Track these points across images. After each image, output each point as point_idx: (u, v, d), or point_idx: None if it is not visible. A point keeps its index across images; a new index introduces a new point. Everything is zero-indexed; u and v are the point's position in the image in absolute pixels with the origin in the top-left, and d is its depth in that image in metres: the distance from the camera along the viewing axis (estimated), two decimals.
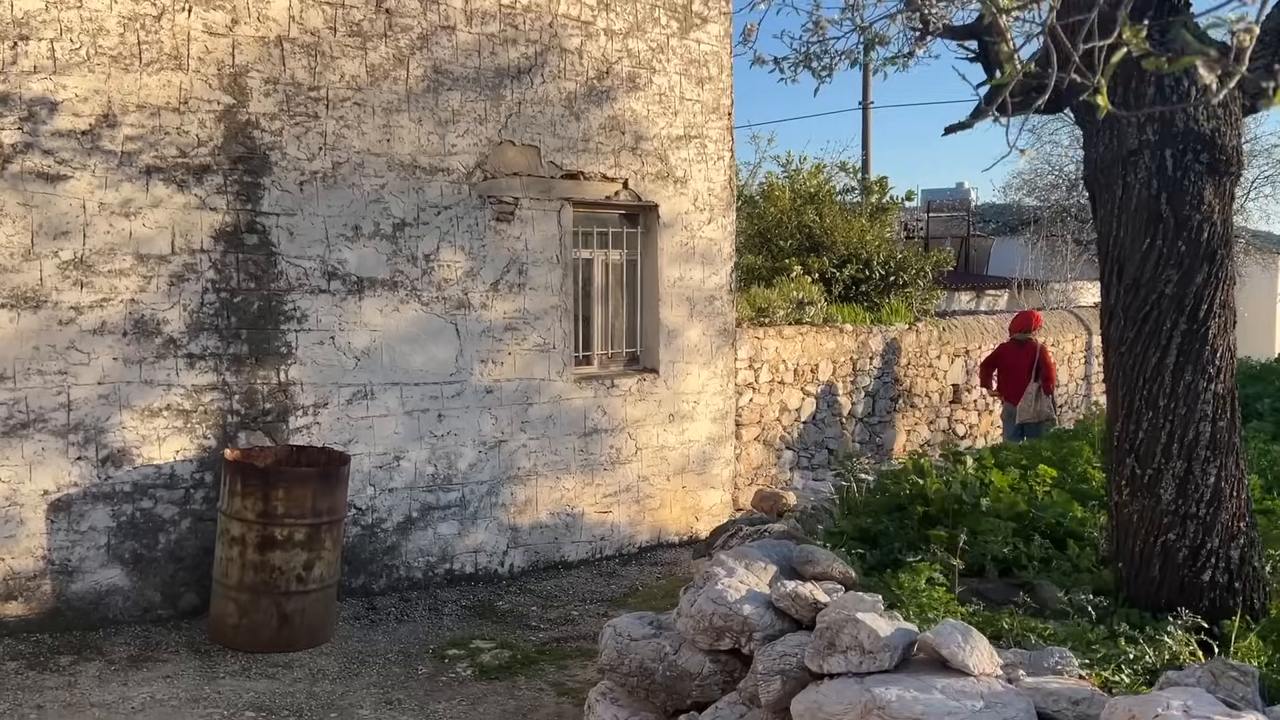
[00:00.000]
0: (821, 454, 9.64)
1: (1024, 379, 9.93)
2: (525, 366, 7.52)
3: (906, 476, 3.64)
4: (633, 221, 8.27)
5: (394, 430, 6.96)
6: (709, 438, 8.61)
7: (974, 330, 11.72)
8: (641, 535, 8.26)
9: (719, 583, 2.51)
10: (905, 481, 3.60)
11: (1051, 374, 10.20)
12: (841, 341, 9.74)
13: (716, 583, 2.51)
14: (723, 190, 8.58)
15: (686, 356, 8.41)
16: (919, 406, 10.80)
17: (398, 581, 7.04)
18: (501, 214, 7.35)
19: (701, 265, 8.47)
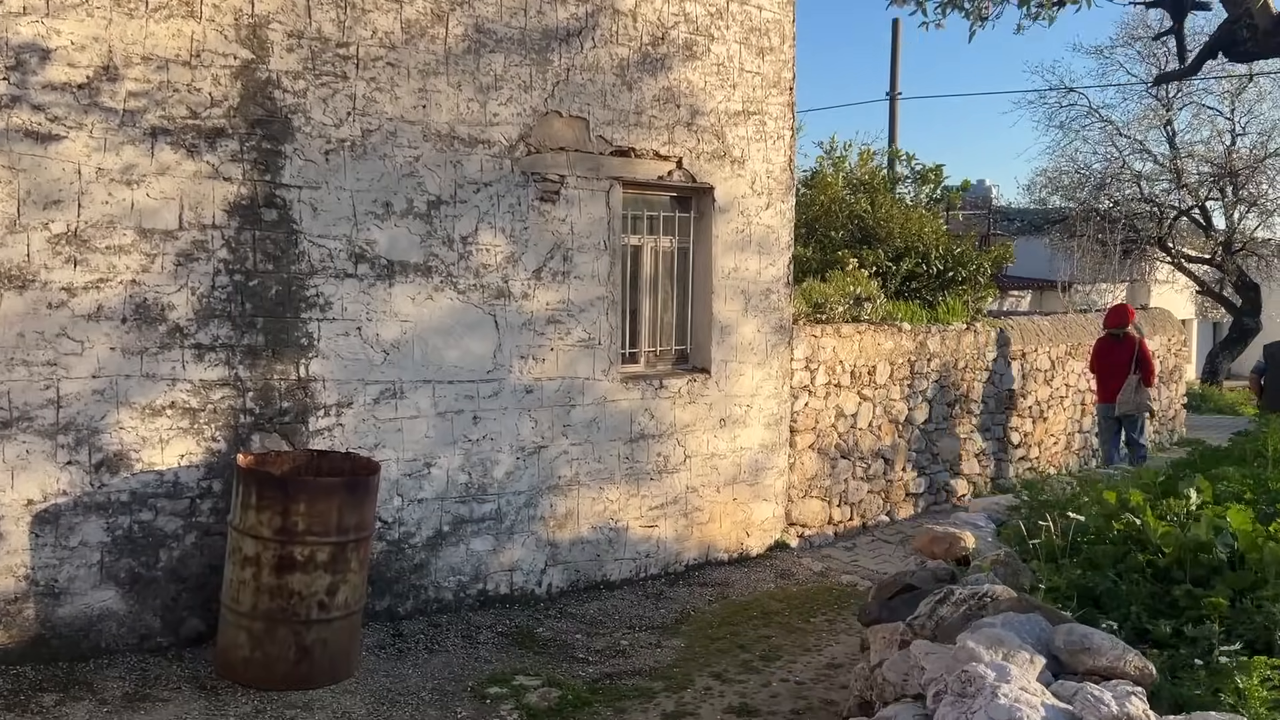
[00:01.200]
0: (878, 464, 8.88)
1: (1123, 373, 10.03)
2: (568, 364, 6.75)
3: (1113, 513, 2.90)
4: (685, 205, 7.51)
5: (425, 434, 6.19)
6: (762, 445, 7.85)
7: (1029, 332, 10.97)
8: (689, 552, 7.50)
9: (998, 694, 1.80)
10: (1110, 519, 2.87)
11: (1151, 367, 10.27)
12: (900, 342, 8.99)
13: (994, 695, 1.80)
14: (782, 173, 7.81)
15: (740, 355, 7.65)
16: (974, 413, 10.05)
17: (426, 604, 6.27)
18: (546, 193, 6.58)
19: (758, 255, 7.70)
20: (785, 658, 6.00)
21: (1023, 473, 10.89)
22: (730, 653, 6.05)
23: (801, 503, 8.21)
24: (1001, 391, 10.47)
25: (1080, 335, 11.91)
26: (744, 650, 6.09)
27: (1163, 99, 22.28)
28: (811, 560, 7.89)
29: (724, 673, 5.73)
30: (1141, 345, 10.33)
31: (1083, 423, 11.94)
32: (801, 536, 8.24)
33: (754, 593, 7.18)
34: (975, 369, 10.04)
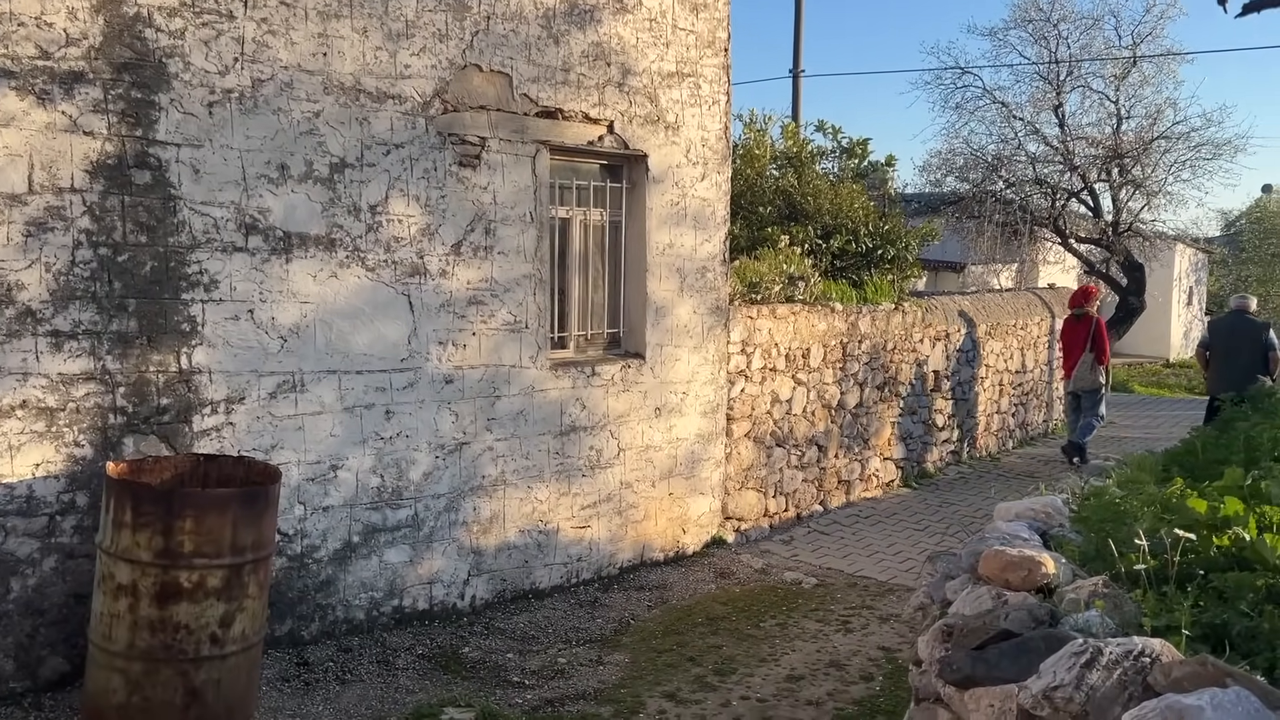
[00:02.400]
0: (812, 451, 8.42)
1: (1080, 351, 10.46)
2: (493, 350, 6.03)
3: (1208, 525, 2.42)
4: (616, 175, 6.85)
5: (330, 432, 5.40)
6: (698, 435, 7.28)
7: (952, 312, 10.70)
8: (623, 553, 6.88)
9: None
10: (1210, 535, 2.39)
11: (1105, 346, 10.58)
12: (832, 323, 8.53)
13: None
14: (718, 141, 7.22)
15: (675, 339, 7.05)
16: (902, 395, 9.71)
17: (335, 626, 5.49)
18: (465, 157, 5.83)
19: (694, 229, 7.10)
20: (741, 670, 5.44)
21: (946, 456, 10.64)
22: (680, 667, 5.47)
23: (738, 495, 7.68)
24: (926, 373, 10.17)
25: (999, 315, 11.73)
26: (694, 663, 5.51)
27: (1053, 81, 22.55)
28: (750, 557, 7.38)
29: (677, 692, 5.14)
30: (1098, 325, 10.57)
31: (1001, 403, 11.78)
32: (738, 531, 7.71)
33: (695, 596, 6.61)
34: (903, 350, 9.69)
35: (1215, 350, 10.18)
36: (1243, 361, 9.68)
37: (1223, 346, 10.09)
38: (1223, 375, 9.77)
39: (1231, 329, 10.15)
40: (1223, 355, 10.03)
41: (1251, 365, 9.59)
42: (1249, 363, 9.64)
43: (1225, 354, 9.99)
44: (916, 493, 9.63)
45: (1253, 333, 9.92)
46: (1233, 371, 9.60)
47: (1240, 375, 9.34)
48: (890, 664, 5.57)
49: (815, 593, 6.71)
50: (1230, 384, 9.16)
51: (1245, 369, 9.51)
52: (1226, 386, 9.17)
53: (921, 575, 3.33)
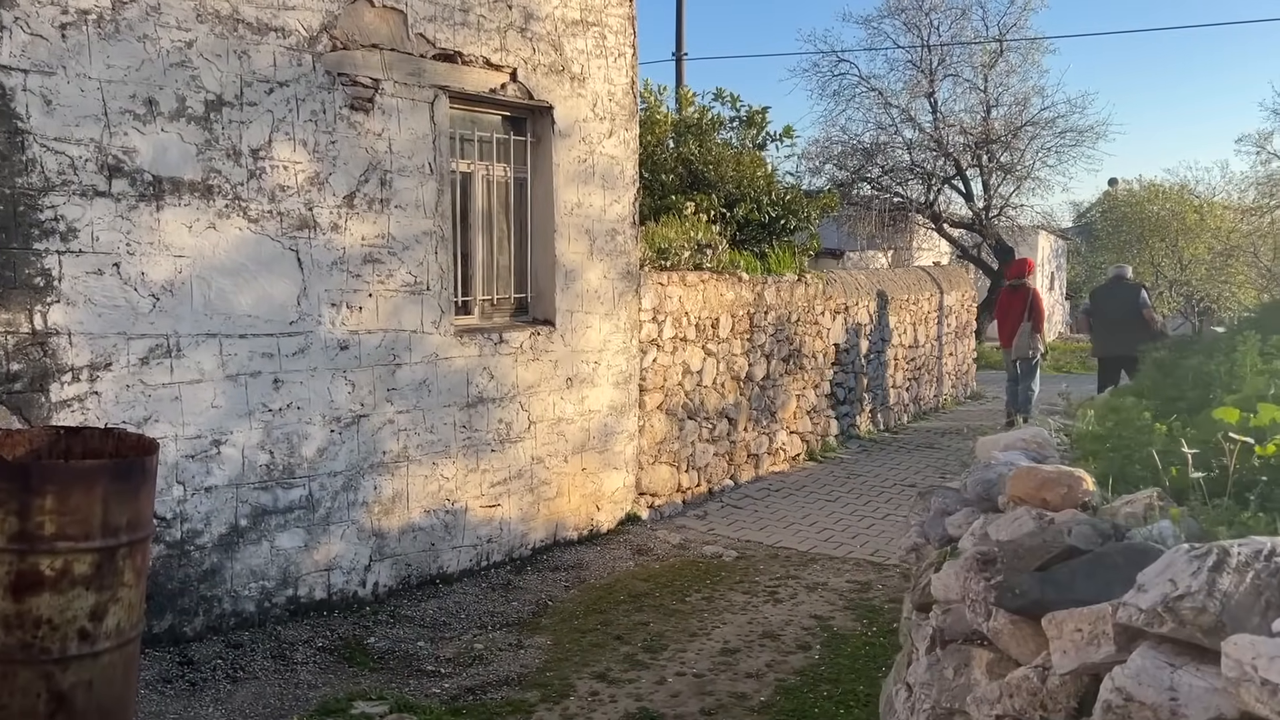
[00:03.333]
0: (723, 424, 8.15)
1: (1019, 321, 10.83)
2: (392, 313, 5.53)
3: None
4: (520, 128, 6.41)
5: (211, 402, 4.81)
6: (611, 406, 6.90)
7: (850, 286, 10.62)
8: (536, 532, 6.45)
9: None
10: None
11: (1042, 314, 11.01)
12: (740, 293, 8.28)
13: None
14: (625, 95, 6.86)
15: (586, 305, 6.65)
16: (806, 368, 9.55)
17: (222, 620, 4.90)
18: (357, 100, 5.31)
19: (603, 189, 6.72)
20: (673, 646, 5.10)
21: (847, 429, 10.55)
22: (607, 646, 5.09)
23: (651, 470, 7.34)
24: (828, 346, 10.05)
25: (894, 290, 11.74)
26: (622, 642, 5.14)
27: (925, 69, 23.04)
28: (667, 532, 7.05)
29: (607, 672, 4.76)
30: (1035, 295, 11.03)
31: (896, 378, 11.79)
32: (652, 507, 7.38)
33: (614, 574, 6.24)
34: (806, 322, 9.53)
35: (1099, 314, 10.73)
36: (1124, 321, 10.27)
37: (1105, 310, 10.65)
38: (1107, 336, 10.39)
39: (1112, 293, 10.72)
40: (1106, 318, 10.58)
41: (1132, 324, 10.17)
42: (1129, 322, 10.23)
43: (1108, 316, 10.53)
44: (822, 466, 9.49)
45: (1130, 294, 10.54)
46: (1116, 331, 10.22)
47: (1123, 334, 10.01)
48: (826, 632, 5.32)
49: (737, 565, 6.42)
50: (1115, 343, 10.09)
51: (1127, 327, 10.12)
52: (1112, 346, 10.20)
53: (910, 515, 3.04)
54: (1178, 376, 4.29)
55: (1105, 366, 10.73)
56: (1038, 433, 2.91)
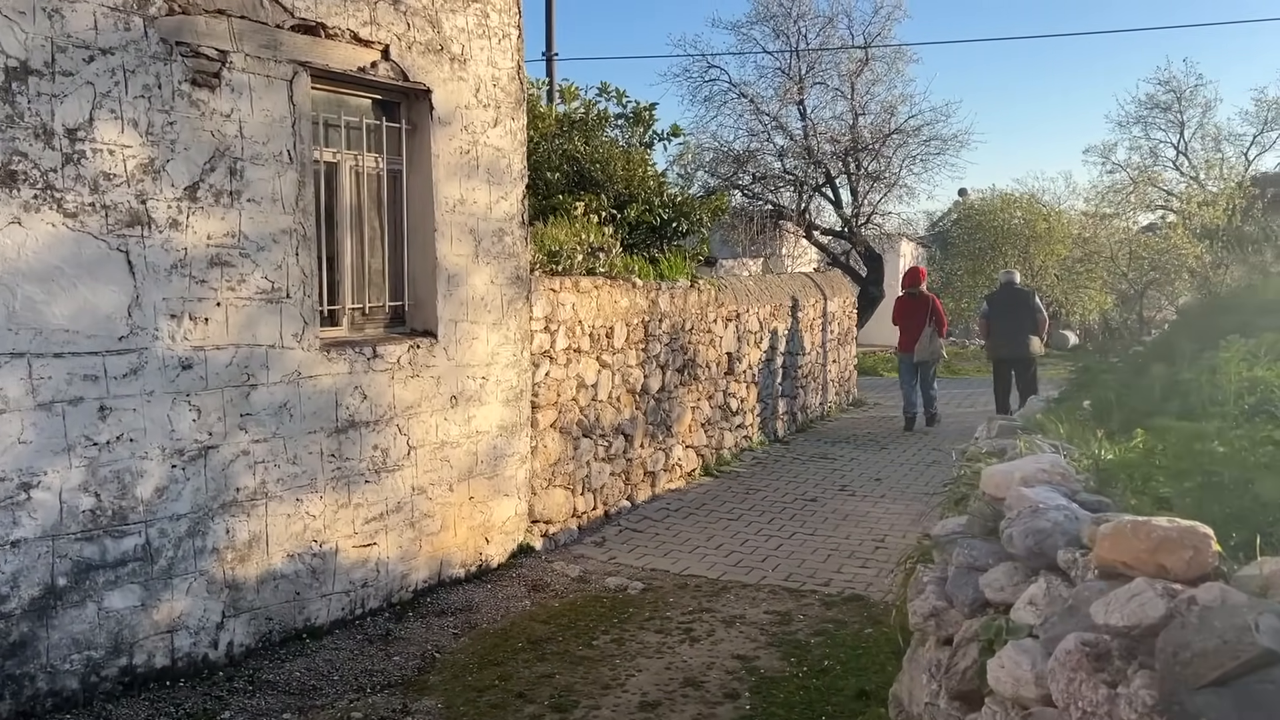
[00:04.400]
0: (619, 441, 7.54)
1: (920, 326, 11.44)
2: (246, 325, 4.71)
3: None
4: (394, 114, 5.66)
5: (18, 437, 3.92)
6: (501, 426, 6.20)
7: (741, 292, 10.19)
8: (418, 572, 5.70)
9: None
10: None
11: (944, 319, 11.74)
12: (634, 300, 7.70)
13: None
14: (510, 81, 6.19)
15: (472, 313, 5.94)
16: (700, 379, 9.04)
17: (35, 702, 4.00)
18: (200, 75, 4.49)
19: (488, 184, 6.03)
20: (584, 703, 4.46)
21: (740, 442, 10.11)
22: (509, 707, 4.41)
23: (545, 494, 6.67)
24: (721, 355, 9.58)
25: (781, 296, 11.39)
26: (526, 700, 4.47)
27: (794, 77, 23.07)
28: (564, 564, 6.38)
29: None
30: (935, 301, 11.71)
31: (785, 386, 11.44)
32: (546, 536, 6.70)
33: (509, 616, 5.55)
34: (700, 331, 9.03)
35: (995, 318, 11.14)
36: (1019, 325, 10.84)
37: (1002, 314, 11.09)
38: (1003, 338, 10.97)
39: (1005, 298, 11.20)
40: (1002, 322, 11.03)
41: (1026, 327, 10.81)
42: (1024, 325, 10.82)
43: (1005, 320, 11.00)
44: (719, 481, 8.99)
45: (1024, 299, 11.09)
46: (1012, 334, 10.87)
47: (1018, 337, 10.79)
48: (753, 676, 4.77)
49: (645, 599, 5.82)
50: (1011, 346, 10.86)
51: (1022, 331, 10.80)
52: (1006, 349, 10.95)
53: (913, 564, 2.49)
54: (1142, 388, 3.93)
55: (999, 368, 11.30)
56: (1054, 461, 2.42)
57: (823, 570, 6.39)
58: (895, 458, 10.17)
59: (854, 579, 6.22)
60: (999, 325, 11.01)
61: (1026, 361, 10.96)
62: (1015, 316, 10.88)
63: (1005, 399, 11.21)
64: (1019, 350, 10.88)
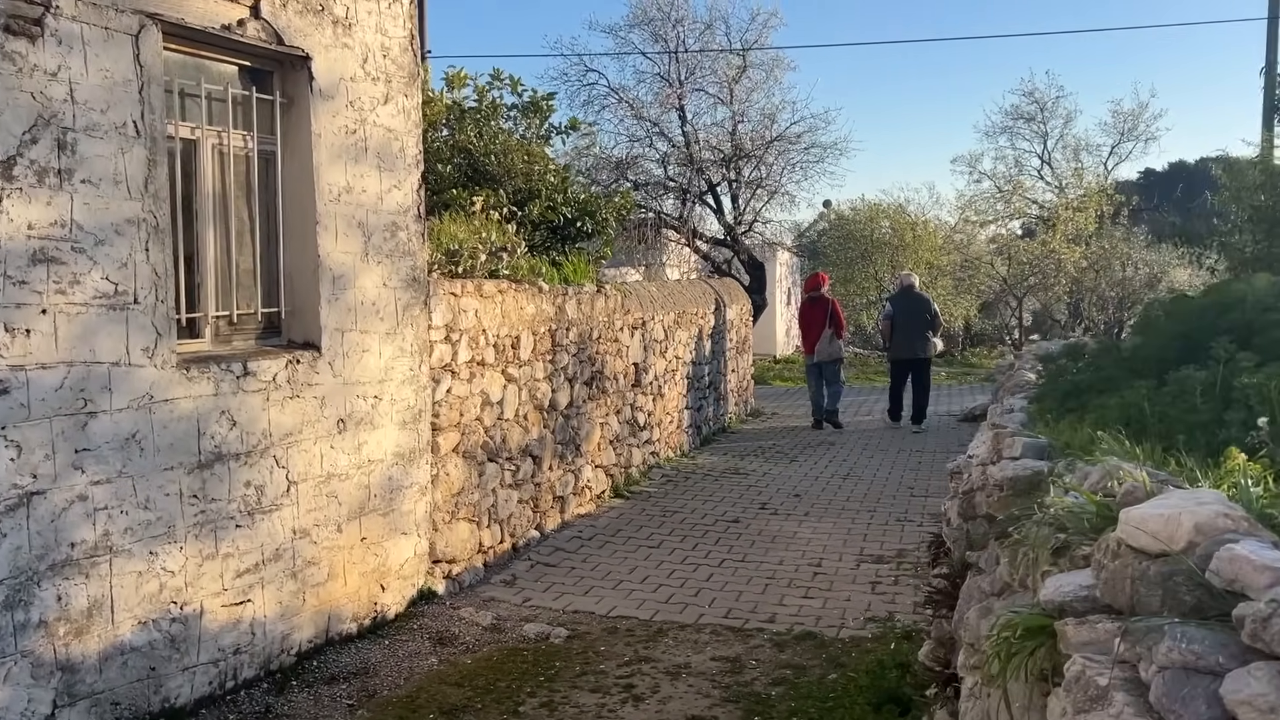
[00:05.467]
0: (527, 464, 6.73)
1: (820, 329, 11.85)
2: (81, 337, 3.74)
3: None
4: (266, 84, 4.75)
5: None
6: (397, 453, 5.33)
7: (645, 299, 9.52)
8: (302, 630, 4.78)
9: None
10: None
11: (842, 323, 12.19)
12: (541, 306, 6.92)
13: None
14: (403, 53, 5.35)
15: (362, 321, 5.07)
16: (608, 392, 8.32)
17: None
18: (16, 21, 3.53)
19: (378, 170, 5.17)
20: None
21: (648, 459, 9.43)
22: None
23: (448, 529, 5.82)
24: (628, 366, 8.89)
25: (683, 304, 10.78)
26: None
27: (673, 82, 22.67)
28: (474, 610, 5.55)
29: None
30: (834, 305, 12.10)
31: (688, 398, 10.82)
32: (450, 576, 5.85)
33: (414, 678, 4.69)
34: (607, 340, 8.31)
35: (898, 320, 11.82)
36: (918, 327, 11.63)
37: (904, 317, 11.78)
38: (905, 340, 11.70)
39: (908, 303, 11.85)
40: (904, 324, 11.73)
41: (923, 329, 11.63)
42: (921, 328, 11.64)
43: (906, 323, 11.70)
44: (631, 503, 8.27)
45: (922, 304, 11.89)
46: (912, 336, 11.64)
47: (917, 338, 11.60)
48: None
49: (572, 649, 5.05)
50: (911, 347, 11.61)
51: (919, 334, 11.63)
52: (906, 350, 11.68)
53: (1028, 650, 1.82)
54: (1173, 396, 3.40)
55: (898, 369, 12.04)
56: (1217, 499, 1.80)
57: (764, 603, 5.75)
58: (808, 471, 9.66)
59: (800, 612, 5.60)
60: (899, 327, 11.65)
61: (924, 363, 11.83)
62: (915, 319, 11.56)
63: (901, 397, 12.00)
64: (918, 351, 11.65)
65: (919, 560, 6.51)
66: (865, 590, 5.97)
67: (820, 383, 12.15)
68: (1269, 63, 15.96)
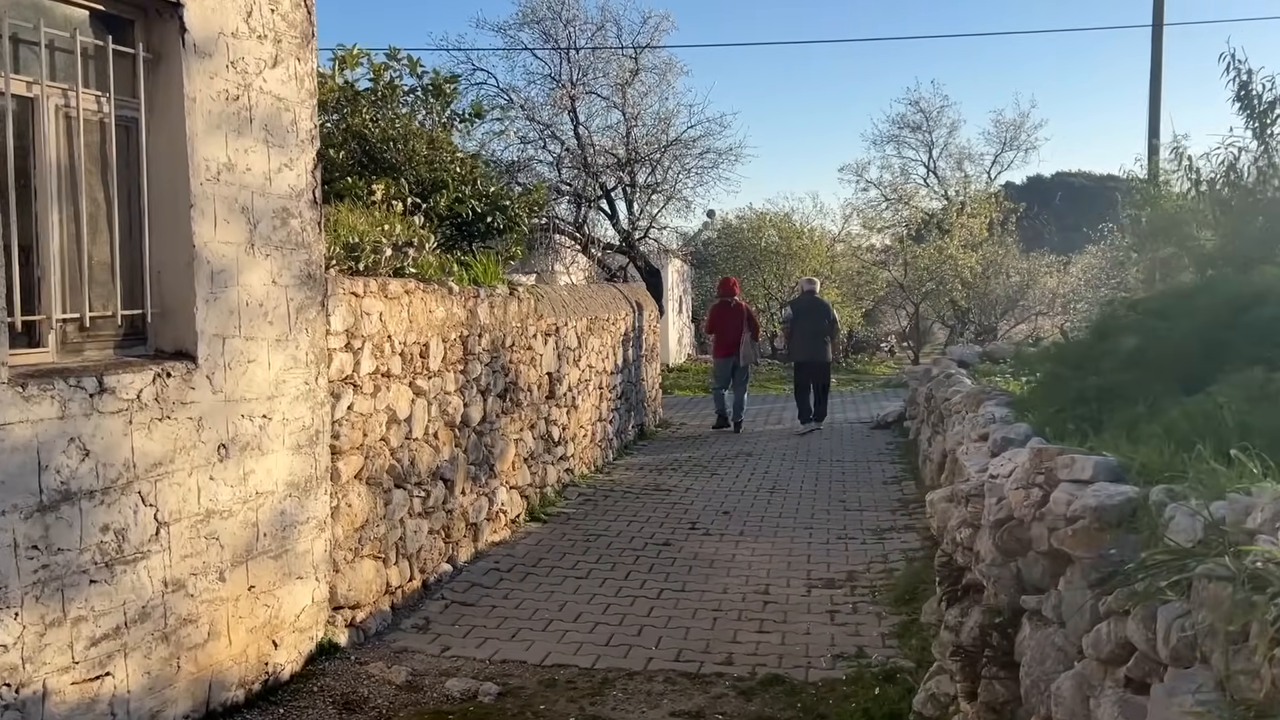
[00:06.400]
0: (439, 489, 5.93)
1: (738, 333, 11.96)
2: None
3: None
4: (125, 35, 3.87)
5: None
6: (291, 483, 4.49)
7: (558, 303, 8.80)
8: (176, 704, 3.90)
9: None
10: None
11: (757, 326, 12.61)
12: (451, 309, 6.13)
13: None
14: (295, 8, 4.51)
15: (248, 325, 4.22)
16: (523, 405, 7.56)
17: None
18: None
19: (266, 145, 4.33)
20: None
21: (563, 476, 8.70)
22: None
23: (350, 570, 4.98)
24: (542, 376, 8.15)
25: (596, 309, 10.10)
26: None
27: (565, 84, 22.02)
28: (384, 665, 4.73)
29: None
30: (749, 310, 12.45)
31: (602, 409, 10.14)
32: (354, 625, 5.02)
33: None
34: (520, 348, 7.56)
35: (800, 324, 12.08)
36: (818, 329, 12.02)
37: (805, 319, 12.07)
38: (805, 341, 11.99)
39: (807, 306, 12.16)
40: (806, 326, 12.03)
41: (823, 332, 12.08)
42: (822, 330, 12.07)
43: (807, 325, 12.00)
44: (549, 527, 7.53)
45: (822, 307, 12.37)
46: (813, 338, 12.00)
47: (817, 340, 11.99)
48: None
49: (506, 710, 4.30)
50: (812, 348, 11.95)
51: (820, 335, 12.04)
52: (809, 353, 11.97)
53: None
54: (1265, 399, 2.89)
55: (800, 372, 12.26)
56: None
57: (717, 641, 5.10)
58: (732, 485, 9.09)
59: (759, 650, 4.97)
60: (801, 331, 12.00)
61: (825, 366, 12.31)
62: (816, 323, 11.98)
63: (807, 400, 12.14)
64: (819, 355, 12.04)
65: (874, 584, 5.98)
66: (824, 621, 5.38)
67: (726, 388, 12.36)
68: (1154, 69, 16.26)
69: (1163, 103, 15.90)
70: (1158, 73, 16.11)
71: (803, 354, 12.03)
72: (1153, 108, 15.88)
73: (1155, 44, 16.37)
